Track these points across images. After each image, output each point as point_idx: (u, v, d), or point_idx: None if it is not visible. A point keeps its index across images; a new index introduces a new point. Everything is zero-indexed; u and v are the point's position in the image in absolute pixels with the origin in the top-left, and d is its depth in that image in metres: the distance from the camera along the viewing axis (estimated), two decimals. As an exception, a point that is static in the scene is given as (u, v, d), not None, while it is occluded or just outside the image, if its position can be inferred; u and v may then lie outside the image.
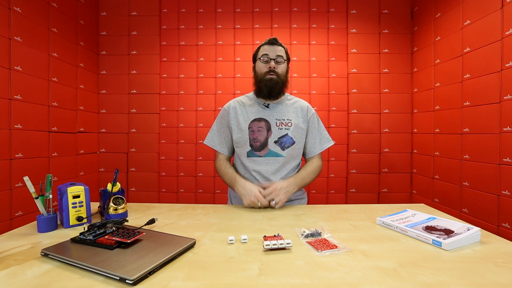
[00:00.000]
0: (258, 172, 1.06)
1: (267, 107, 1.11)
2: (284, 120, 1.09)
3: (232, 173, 1.07)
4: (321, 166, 1.15)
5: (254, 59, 1.12)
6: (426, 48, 2.16)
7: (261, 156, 1.06)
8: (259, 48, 1.10)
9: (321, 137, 1.16)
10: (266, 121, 1.08)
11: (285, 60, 1.08)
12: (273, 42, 1.07)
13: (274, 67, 1.05)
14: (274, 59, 1.06)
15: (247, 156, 1.08)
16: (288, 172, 1.09)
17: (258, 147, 1.06)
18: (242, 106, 1.13)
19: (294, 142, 1.08)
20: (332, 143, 1.17)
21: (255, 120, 1.08)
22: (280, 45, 1.08)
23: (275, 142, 1.06)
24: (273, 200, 0.95)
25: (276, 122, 1.08)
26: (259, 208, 0.95)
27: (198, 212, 0.93)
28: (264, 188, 0.98)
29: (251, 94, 1.17)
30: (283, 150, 1.07)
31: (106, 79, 2.40)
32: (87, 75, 2.24)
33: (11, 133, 1.55)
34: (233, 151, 1.17)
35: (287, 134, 1.08)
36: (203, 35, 2.41)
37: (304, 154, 1.17)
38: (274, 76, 1.05)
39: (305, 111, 1.15)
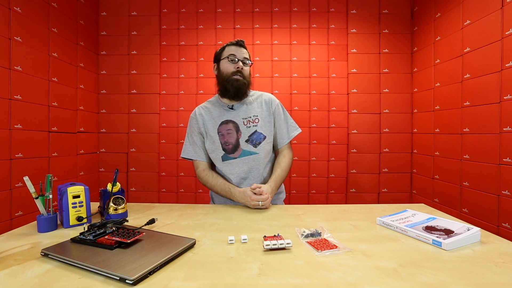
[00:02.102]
0: (236, 174, 1.07)
1: (232, 108, 1.11)
2: (250, 117, 1.10)
3: (224, 183, 1.06)
4: (292, 156, 1.16)
5: (217, 59, 1.11)
6: (426, 48, 2.16)
7: (236, 158, 1.07)
8: (223, 48, 1.10)
9: (288, 126, 1.17)
10: (233, 122, 1.09)
11: (251, 63, 1.12)
12: (241, 44, 1.09)
13: (241, 68, 1.06)
14: (241, 60, 1.07)
15: (222, 161, 1.08)
16: (264, 166, 1.10)
17: (231, 150, 1.07)
18: (207, 112, 1.13)
19: (265, 137, 1.10)
20: (299, 130, 1.18)
21: (222, 123, 1.09)
22: (246, 48, 1.11)
23: (246, 141, 1.08)
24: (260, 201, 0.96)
25: (243, 121, 1.09)
26: (263, 207, 0.96)
27: (198, 212, 0.93)
28: (254, 193, 0.98)
29: (213, 99, 1.18)
30: (256, 147, 1.08)
31: (106, 79, 2.40)
32: (87, 75, 2.24)
33: (11, 133, 1.55)
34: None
35: (256, 131, 1.09)
36: (203, 35, 2.41)
37: (273, 146, 1.17)
38: (241, 78, 1.06)
39: (269, 104, 1.14)
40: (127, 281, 0.48)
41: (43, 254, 0.58)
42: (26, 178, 0.73)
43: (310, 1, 2.40)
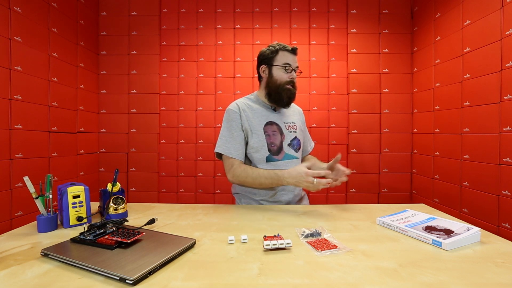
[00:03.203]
0: None
1: (275, 110, 1.12)
2: (290, 123, 1.14)
3: (267, 170, 0.99)
4: None
5: (270, 62, 1.07)
6: (426, 48, 2.16)
7: (280, 160, 1.07)
8: (276, 51, 1.06)
9: (309, 139, 1.28)
10: (277, 124, 1.10)
11: (300, 72, 1.13)
12: (296, 52, 1.08)
13: (294, 78, 1.08)
14: (294, 70, 1.08)
15: (266, 161, 1.05)
16: None
17: (275, 151, 1.07)
18: (250, 109, 1.08)
19: (300, 144, 1.15)
20: (313, 144, 1.32)
21: (268, 123, 1.08)
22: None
23: (288, 145, 1.10)
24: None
25: (285, 126, 1.11)
26: (317, 185, 0.87)
27: (198, 212, 0.93)
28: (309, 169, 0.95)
29: (253, 96, 1.14)
30: (296, 152, 1.12)
31: (106, 79, 2.40)
32: (87, 75, 2.24)
33: (11, 133, 1.55)
34: (245, 156, 1.09)
35: (296, 137, 1.12)
36: (203, 35, 2.41)
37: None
38: (292, 88, 1.07)
39: (301, 114, 1.24)
40: (127, 281, 0.48)
41: (43, 254, 0.58)
42: (26, 178, 0.73)
43: (310, 1, 2.40)
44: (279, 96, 1.06)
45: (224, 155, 1.05)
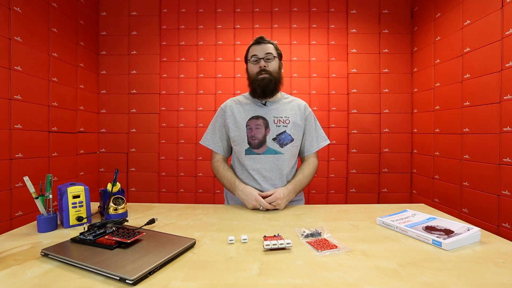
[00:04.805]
0: (257, 170, 1.05)
1: (264, 105, 1.11)
2: (281, 117, 1.09)
3: (231, 176, 1.06)
4: (317, 165, 1.16)
5: (246, 59, 1.13)
6: (426, 48, 2.16)
7: (260, 154, 1.06)
8: (248, 49, 1.11)
9: (318, 136, 1.17)
10: (263, 118, 1.08)
11: (275, 56, 1.09)
12: (259, 41, 1.09)
13: (264, 66, 1.06)
14: (263, 58, 1.06)
15: (246, 154, 1.07)
16: (289, 169, 1.09)
17: (256, 145, 1.06)
18: (239, 105, 1.14)
19: (293, 139, 1.08)
20: (328, 141, 1.19)
21: (252, 118, 1.09)
22: (268, 42, 1.10)
23: (274, 139, 1.06)
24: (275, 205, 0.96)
25: (273, 120, 1.08)
26: (261, 210, 0.95)
27: (198, 212, 0.93)
28: (264, 197, 0.97)
29: (247, 94, 1.18)
30: (282, 147, 1.06)
31: (106, 79, 2.40)
32: (87, 75, 2.24)
33: (11, 133, 1.55)
34: (229, 151, 1.17)
35: (285, 131, 1.08)
36: (203, 35, 2.41)
37: (300, 153, 1.17)
38: (267, 75, 1.06)
39: (302, 109, 1.15)
40: (127, 281, 0.48)
41: (43, 254, 0.58)
42: (26, 178, 0.73)
43: (310, 1, 2.40)
44: (254, 90, 1.09)
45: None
